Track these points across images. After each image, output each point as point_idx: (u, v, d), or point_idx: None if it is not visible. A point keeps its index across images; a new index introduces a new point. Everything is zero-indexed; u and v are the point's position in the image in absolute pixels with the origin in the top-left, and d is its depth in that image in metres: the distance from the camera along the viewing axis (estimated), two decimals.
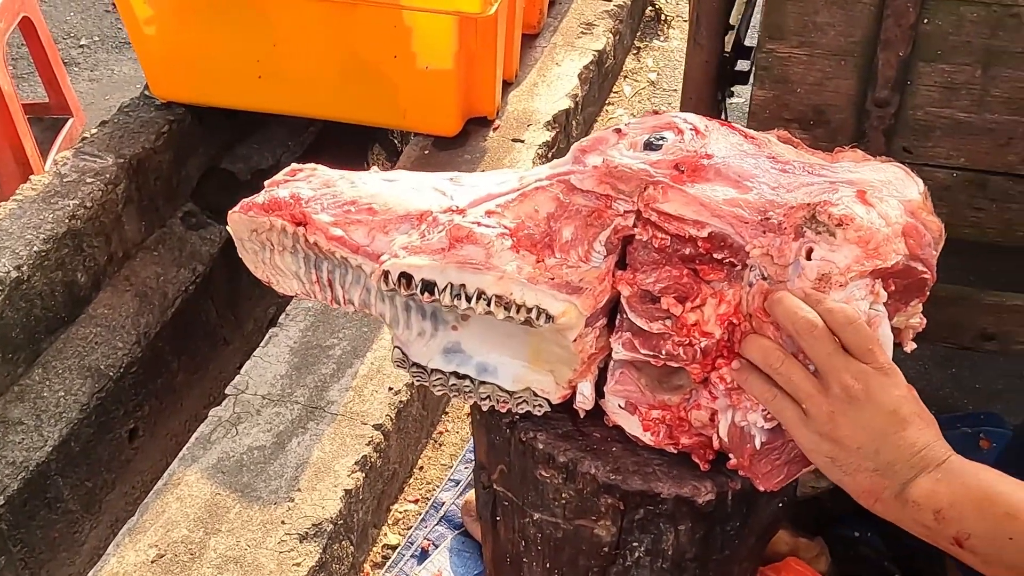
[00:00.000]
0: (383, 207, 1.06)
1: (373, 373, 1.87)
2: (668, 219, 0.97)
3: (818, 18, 1.39)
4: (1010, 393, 2.10)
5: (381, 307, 1.07)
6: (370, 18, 2.26)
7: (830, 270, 0.90)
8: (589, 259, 1.00)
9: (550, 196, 1.02)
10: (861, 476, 0.90)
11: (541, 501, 1.11)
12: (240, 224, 1.11)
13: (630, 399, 1.05)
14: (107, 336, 2.31)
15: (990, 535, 0.84)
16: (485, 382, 1.06)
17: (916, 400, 0.91)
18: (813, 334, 0.88)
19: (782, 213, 0.95)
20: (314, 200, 1.07)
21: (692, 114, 1.06)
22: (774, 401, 0.92)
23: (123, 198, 2.39)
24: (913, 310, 0.97)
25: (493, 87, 2.48)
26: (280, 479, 1.68)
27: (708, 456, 1.04)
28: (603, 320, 1.03)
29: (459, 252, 0.99)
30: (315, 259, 1.09)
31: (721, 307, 0.97)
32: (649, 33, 3.59)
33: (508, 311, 0.97)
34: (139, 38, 2.46)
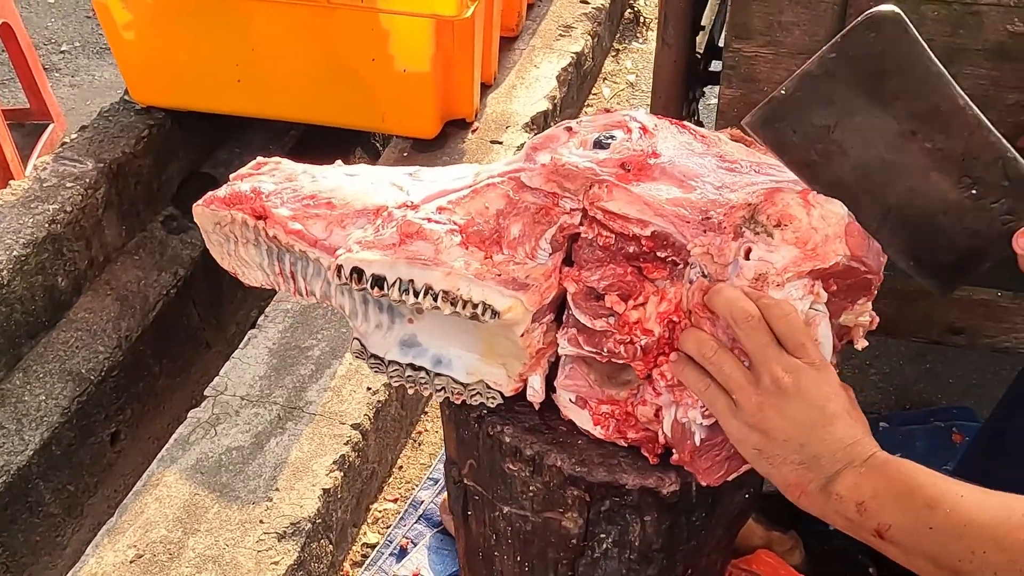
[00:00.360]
0: (341, 202, 1.08)
1: (351, 373, 1.89)
2: (612, 217, 0.98)
3: (783, 17, 1.41)
4: (983, 388, 2.12)
5: (340, 299, 1.09)
6: (348, 22, 2.27)
7: (767, 270, 0.92)
8: (535, 256, 1.02)
9: (500, 193, 1.04)
10: (787, 468, 0.91)
11: (510, 494, 1.13)
12: (204, 217, 1.13)
13: (580, 393, 1.07)
14: (88, 340, 2.31)
15: (910, 526, 0.85)
16: (440, 374, 1.08)
17: (847, 398, 0.92)
18: (750, 323, 0.90)
19: (723, 213, 0.96)
20: (275, 194, 1.10)
21: (642, 113, 1.08)
22: (707, 391, 0.94)
23: (103, 203, 2.40)
24: (861, 308, 0.99)
25: (471, 89, 2.50)
26: (259, 479, 1.69)
27: (656, 450, 1.06)
28: (550, 316, 1.05)
29: (409, 248, 1.01)
30: (277, 251, 1.12)
31: (662, 305, 0.99)
32: (628, 35, 3.62)
33: (455, 306, 0.99)
34: (118, 43, 2.47)
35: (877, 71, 0.91)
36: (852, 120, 0.93)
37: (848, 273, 0.95)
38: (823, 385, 0.90)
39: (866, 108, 0.93)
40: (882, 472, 0.88)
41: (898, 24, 0.90)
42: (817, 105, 0.94)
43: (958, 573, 0.83)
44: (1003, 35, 1.36)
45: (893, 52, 0.90)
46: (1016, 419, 1.53)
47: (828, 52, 0.92)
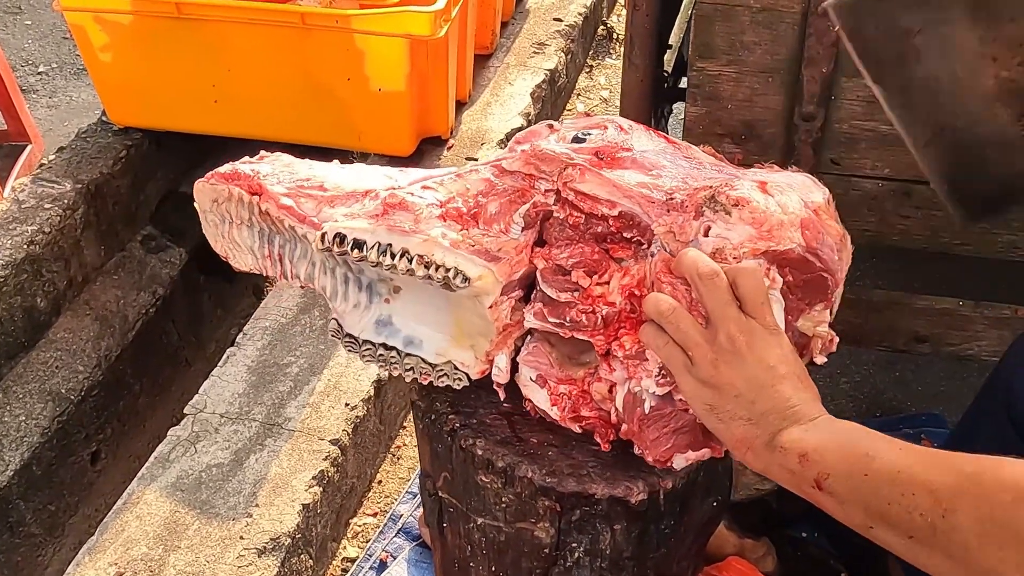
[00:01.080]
0: (333, 185, 1.15)
1: (330, 390, 1.91)
2: (583, 198, 1.04)
3: (745, 37, 1.45)
4: (951, 394, 2.17)
5: (323, 280, 1.15)
6: (323, 42, 2.30)
7: (724, 245, 0.97)
8: (509, 231, 1.08)
9: (482, 177, 1.12)
10: (735, 424, 0.95)
11: (483, 506, 1.15)
12: (204, 193, 1.20)
13: (540, 372, 1.11)
14: (68, 360, 2.33)
15: (847, 474, 0.88)
16: (410, 354, 1.13)
17: (799, 364, 0.96)
18: (714, 281, 0.94)
19: (685, 194, 1.02)
20: (272, 175, 1.17)
21: (621, 118, 1.13)
22: (664, 347, 0.97)
23: (82, 223, 2.41)
24: (819, 316, 1.03)
25: (446, 107, 2.53)
26: (239, 495, 1.71)
27: (608, 435, 1.10)
28: (519, 292, 1.09)
29: (391, 217, 1.07)
30: (268, 233, 1.18)
31: (624, 279, 1.04)
32: (601, 51, 3.66)
33: (428, 270, 1.04)
34: (95, 65, 2.49)
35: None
36: (939, 28, 0.90)
37: (804, 265, 0.99)
38: (775, 348, 0.95)
39: (958, 20, 0.90)
40: (827, 427, 0.92)
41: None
42: (910, 5, 0.91)
43: (885, 517, 0.85)
44: None
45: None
46: (981, 428, 1.56)
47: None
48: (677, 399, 1.01)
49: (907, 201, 1.56)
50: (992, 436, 1.51)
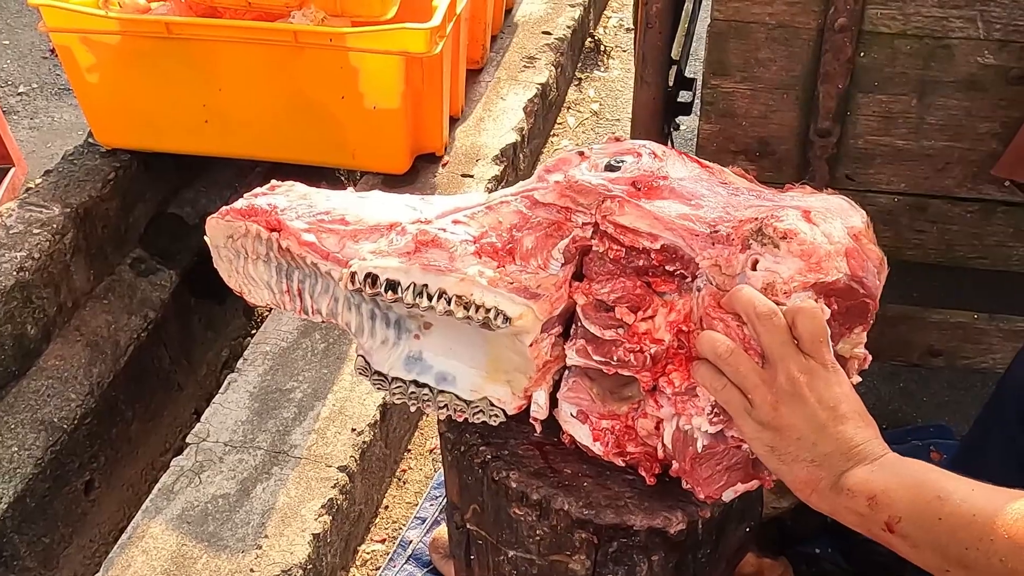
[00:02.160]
0: (355, 218, 1.10)
1: (335, 415, 1.87)
2: (623, 231, 1.01)
3: (760, 54, 1.44)
4: (956, 405, 2.16)
5: (347, 316, 1.11)
6: (316, 60, 2.27)
7: (774, 279, 0.94)
8: (547, 267, 1.04)
9: (514, 209, 1.07)
10: (799, 466, 0.93)
11: (515, 539, 1.13)
12: (217, 229, 1.15)
13: (582, 408, 1.08)
14: (59, 388, 2.27)
15: (920, 517, 0.86)
16: (444, 391, 1.09)
17: (858, 401, 0.94)
18: (772, 320, 0.92)
19: (730, 226, 0.99)
20: (290, 209, 1.12)
21: (652, 142, 1.10)
22: (723, 390, 0.95)
23: (71, 248, 2.37)
24: (857, 338, 1.01)
25: (440, 124, 2.51)
26: (247, 526, 1.67)
27: (654, 469, 1.07)
28: (558, 328, 1.06)
29: (424, 255, 1.03)
30: (287, 268, 1.13)
31: (671, 315, 1.01)
32: (589, 64, 3.65)
33: (467, 311, 1.00)
34: (81, 86, 2.44)
35: None
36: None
37: (848, 293, 0.97)
38: (835, 387, 0.92)
39: None
40: (893, 468, 0.90)
41: None
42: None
43: (963, 562, 0.85)
44: (973, 67, 1.40)
45: None
46: (991, 436, 1.56)
47: None
48: (729, 435, 0.99)
49: (922, 215, 1.55)
50: (1003, 442, 1.51)
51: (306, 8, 2.31)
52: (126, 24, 2.29)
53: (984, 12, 1.35)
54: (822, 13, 1.38)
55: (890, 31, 1.39)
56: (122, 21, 2.29)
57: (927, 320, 1.64)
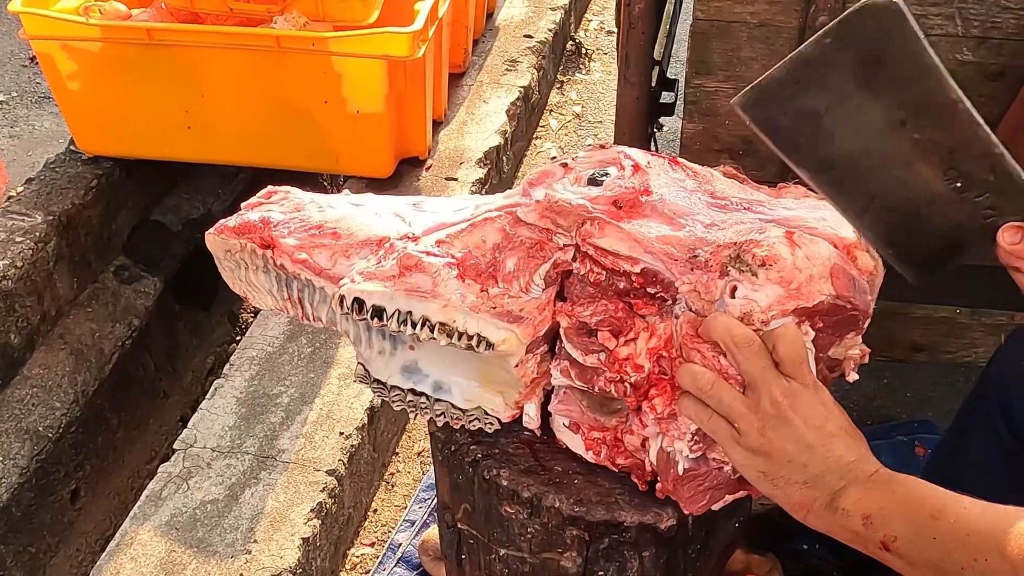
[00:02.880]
0: (346, 232, 1.12)
1: (323, 419, 1.87)
2: (604, 254, 1.00)
3: (742, 53, 1.45)
4: (941, 400, 2.18)
5: (346, 325, 1.13)
6: (299, 65, 2.27)
7: (752, 308, 0.93)
8: (529, 290, 1.04)
9: (497, 228, 1.07)
10: (792, 489, 0.93)
11: (507, 537, 1.13)
12: (215, 245, 1.18)
13: (573, 419, 1.09)
14: (44, 397, 2.26)
15: (915, 536, 0.87)
16: (440, 399, 1.11)
17: (843, 416, 0.95)
18: (751, 348, 0.92)
19: (710, 251, 0.98)
20: (283, 224, 1.14)
21: (637, 150, 1.09)
22: (709, 422, 0.95)
23: (54, 256, 2.36)
24: (850, 342, 1.01)
25: (424, 128, 2.51)
26: (236, 532, 1.67)
27: (646, 476, 1.08)
28: (544, 347, 1.07)
29: (408, 280, 1.04)
30: (285, 278, 1.15)
31: (651, 341, 1.00)
32: (571, 67, 3.66)
33: (451, 338, 1.01)
34: (63, 93, 2.43)
35: (872, 59, 0.90)
36: (843, 106, 0.93)
37: (834, 311, 0.96)
38: (818, 405, 0.93)
39: (858, 95, 0.92)
40: (887, 486, 0.90)
41: (898, 14, 0.88)
42: (809, 89, 0.92)
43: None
44: (952, 64, 1.41)
45: (890, 42, 0.89)
46: (974, 428, 1.57)
47: (824, 37, 0.90)
48: (711, 458, 1.00)
49: None
50: (986, 436, 1.52)
51: (288, 13, 2.31)
52: (107, 31, 2.29)
53: (962, 9, 1.37)
54: (803, 12, 1.40)
55: None
56: (103, 28, 2.29)
57: (911, 316, 1.65)
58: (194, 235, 2.74)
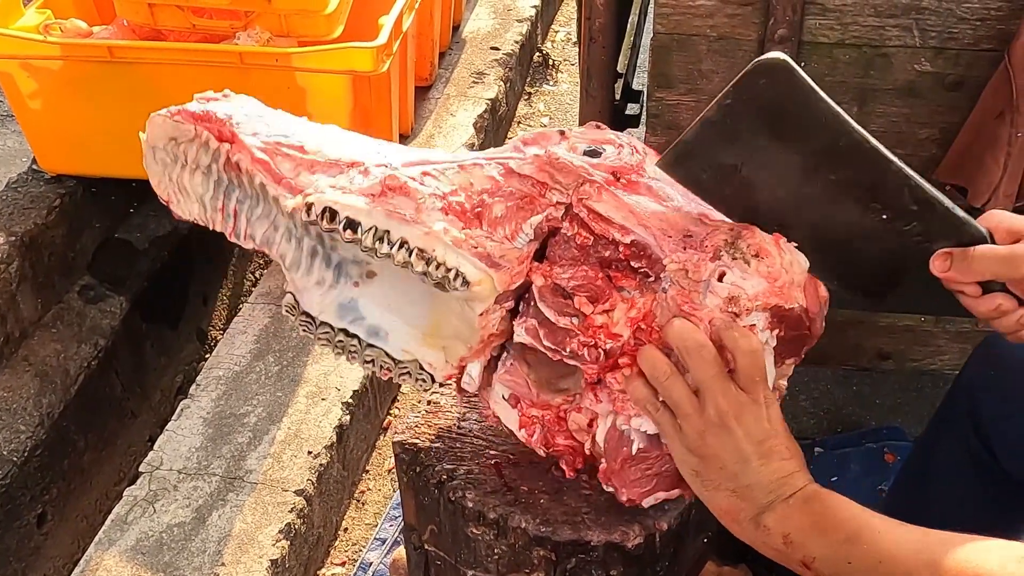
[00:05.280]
0: (314, 148, 1.04)
1: (291, 438, 1.86)
2: (597, 218, 0.99)
3: (703, 66, 1.45)
4: (909, 407, 2.19)
5: (284, 247, 1.05)
6: (263, 81, 2.25)
7: (739, 295, 0.95)
8: (515, 239, 1.01)
9: (487, 174, 1.03)
10: (721, 495, 0.95)
11: (474, 558, 1.12)
12: (162, 128, 1.07)
13: (515, 391, 1.06)
14: (8, 420, 2.23)
15: (831, 559, 0.89)
16: (373, 345, 1.05)
17: (787, 436, 0.96)
18: (701, 354, 0.93)
19: (705, 233, 0.99)
20: (246, 123, 1.05)
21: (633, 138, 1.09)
22: (655, 412, 0.97)
23: (17, 277, 2.33)
24: (787, 369, 1.03)
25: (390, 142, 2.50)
26: (203, 555, 1.65)
27: (577, 464, 1.07)
28: (510, 303, 1.04)
29: (390, 200, 0.99)
30: (226, 185, 1.07)
31: (631, 311, 1.00)
32: (538, 78, 3.66)
33: (428, 266, 0.97)
34: (24, 113, 2.41)
35: (773, 113, 0.94)
36: (757, 158, 0.96)
37: (797, 323, 0.97)
38: (764, 422, 0.94)
39: (768, 147, 0.95)
40: (808, 506, 0.92)
41: (787, 70, 0.92)
42: (721, 146, 0.96)
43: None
44: (911, 74, 1.42)
45: (786, 96, 0.93)
46: (944, 435, 1.58)
47: (724, 99, 0.94)
48: (665, 442, 0.99)
49: None
50: (955, 446, 1.53)
51: (251, 29, 2.30)
52: (68, 49, 2.26)
53: (919, 21, 1.38)
54: (762, 25, 1.40)
55: (829, 41, 1.41)
56: (63, 46, 2.26)
57: (876, 324, 1.66)
58: (160, 253, 2.71)
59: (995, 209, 1.04)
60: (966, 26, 1.37)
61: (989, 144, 1.38)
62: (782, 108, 0.93)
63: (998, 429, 1.42)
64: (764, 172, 0.97)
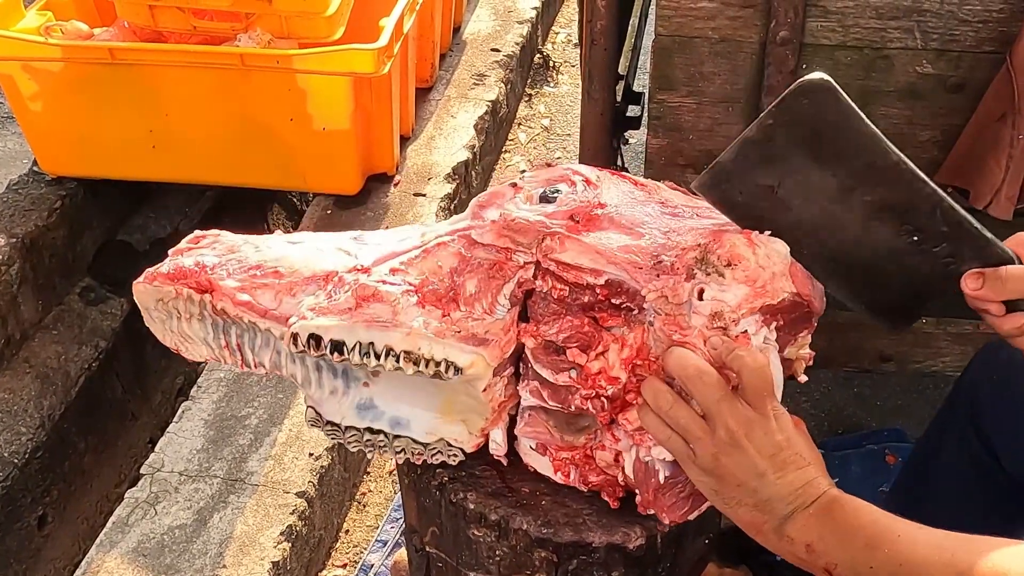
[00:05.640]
0: (289, 270, 1.07)
1: (292, 440, 1.86)
2: (566, 268, 1.00)
3: (704, 68, 1.45)
4: (910, 408, 2.19)
5: (292, 368, 1.08)
6: (264, 83, 2.26)
7: (721, 309, 0.95)
8: (494, 311, 1.02)
9: (452, 252, 1.04)
10: (742, 510, 0.96)
11: (475, 560, 1.12)
12: (145, 294, 1.10)
13: (540, 440, 1.08)
14: (10, 422, 2.23)
15: (853, 564, 0.91)
16: (399, 436, 1.08)
17: (799, 442, 0.96)
18: (703, 380, 0.93)
19: (674, 255, 0.99)
20: (219, 267, 1.08)
21: (584, 165, 1.10)
22: (667, 440, 0.97)
23: (18, 278, 2.33)
24: (803, 341, 1.03)
25: (391, 144, 2.50)
26: (204, 557, 1.65)
27: (618, 493, 1.07)
28: (510, 369, 1.06)
29: (366, 311, 1.00)
30: (223, 325, 1.10)
31: (624, 352, 1.00)
32: (539, 80, 3.66)
33: (417, 366, 0.99)
34: (25, 114, 2.41)
35: (813, 134, 0.95)
36: (793, 179, 0.97)
37: (794, 308, 0.98)
38: (775, 435, 0.94)
39: (805, 167, 0.97)
40: (828, 514, 0.93)
41: (829, 91, 0.93)
42: (759, 167, 0.97)
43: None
44: (912, 76, 1.42)
45: (826, 116, 0.94)
46: (945, 437, 1.58)
47: (765, 119, 0.95)
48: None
49: None
50: (957, 446, 1.53)
51: (252, 31, 2.30)
52: (69, 51, 2.27)
53: (921, 23, 1.38)
54: (764, 27, 1.40)
55: (831, 43, 1.42)
56: (64, 48, 2.27)
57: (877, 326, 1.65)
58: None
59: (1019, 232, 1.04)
60: (967, 28, 1.37)
61: (991, 146, 1.38)
62: (822, 128, 0.94)
63: (1000, 432, 1.42)
64: (800, 192, 0.98)
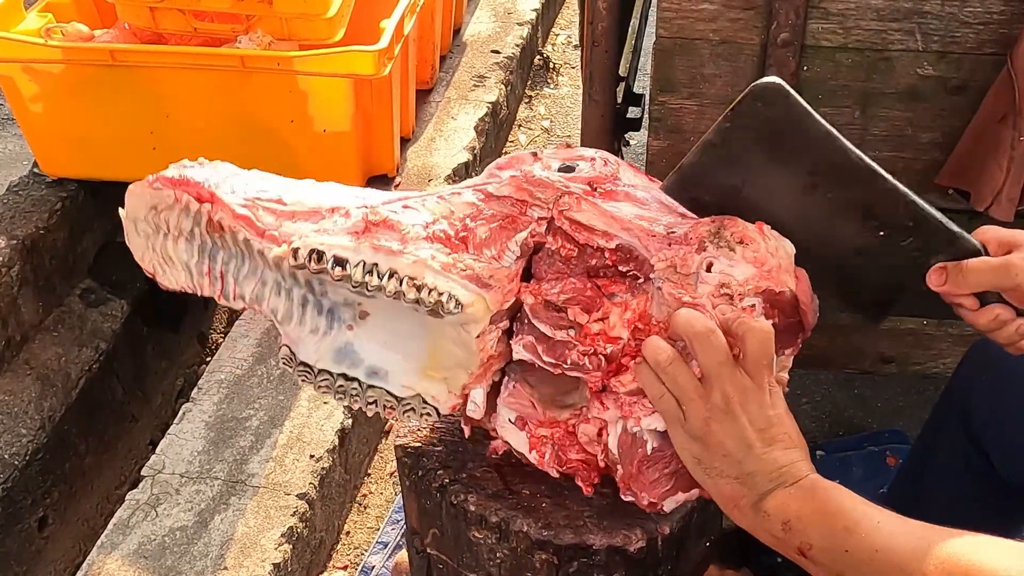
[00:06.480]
0: (294, 200, 1.05)
1: (293, 442, 1.86)
2: (579, 228, 1.01)
3: (705, 70, 1.45)
4: (911, 410, 2.19)
5: (275, 301, 1.06)
6: (265, 85, 2.26)
7: (729, 281, 0.96)
8: (502, 258, 1.02)
9: (467, 201, 1.04)
10: (723, 482, 0.95)
11: (476, 562, 1.12)
12: (141, 199, 1.08)
13: (521, 413, 1.06)
14: (10, 424, 2.23)
15: (829, 547, 0.90)
16: (374, 386, 1.06)
17: (791, 424, 0.96)
18: (710, 340, 0.93)
19: (688, 227, 1.00)
20: (224, 183, 1.06)
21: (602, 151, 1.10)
22: (660, 399, 0.97)
23: (18, 280, 2.33)
24: (786, 360, 1.03)
25: (392, 145, 2.50)
26: (205, 559, 1.65)
27: (592, 478, 1.07)
28: (505, 322, 1.04)
29: (375, 235, 0.99)
30: (211, 248, 1.07)
31: (627, 314, 1.00)
32: (539, 81, 3.67)
33: (419, 293, 0.97)
34: (25, 116, 2.41)
35: (770, 135, 0.97)
36: (757, 179, 1.00)
37: (791, 310, 0.99)
38: (768, 409, 0.94)
39: (767, 168, 0.99)
40: (809, 494, 0.92)
41: (781, 93, 0.96)
42: (721, 169, 1.00)
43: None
44: (914, 78, 1.42)
45: (781, 118, 0.96)
46: (939, 438, 1.59)
47: (723, 122, 0.98)
48: None
49: None
50: (949, 445, 1.54)
51: (253, 33, 2.30)
52: (69, 53, 2.26)
53: (922, 24, 1.38)
54: (765, 29, 1.40)
55: (832, 45, 1.42)
56: (65, 50, 2.26)
57: (878, 328, 1.66)
58: None
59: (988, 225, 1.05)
60: (968, 30, 1.37)
61: (992, 148, 1.38)
62: (778, 129, 0.97)
63: (990, 432, 1.43)
64: (765, 192, 1.00)
